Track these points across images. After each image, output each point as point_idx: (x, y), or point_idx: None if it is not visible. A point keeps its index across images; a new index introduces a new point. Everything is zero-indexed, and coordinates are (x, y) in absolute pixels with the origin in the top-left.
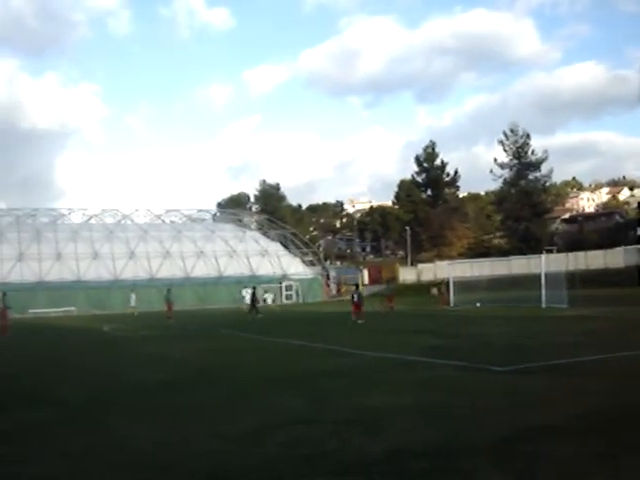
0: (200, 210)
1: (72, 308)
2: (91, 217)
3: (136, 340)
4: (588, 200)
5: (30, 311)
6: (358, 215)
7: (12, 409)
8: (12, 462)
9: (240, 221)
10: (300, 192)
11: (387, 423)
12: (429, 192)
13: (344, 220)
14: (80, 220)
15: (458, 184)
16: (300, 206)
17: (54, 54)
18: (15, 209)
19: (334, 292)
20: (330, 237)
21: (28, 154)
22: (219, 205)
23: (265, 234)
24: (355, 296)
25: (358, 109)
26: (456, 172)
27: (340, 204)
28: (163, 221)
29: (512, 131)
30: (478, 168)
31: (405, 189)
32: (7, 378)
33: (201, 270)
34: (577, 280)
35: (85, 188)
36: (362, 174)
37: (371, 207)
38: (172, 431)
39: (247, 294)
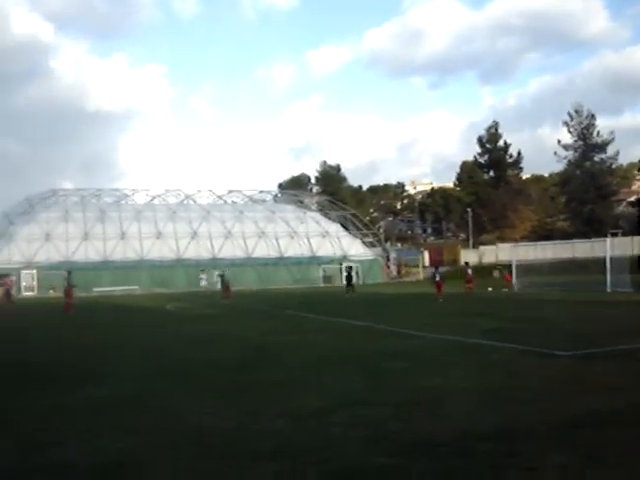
0: (261, 191)
1: (135, 287)
2: (154, 197)
3: (199, 319)
4: None
5: (95, 290)
6: (419, 196)
7: (80, 386)
8: (83, 439)
9: (301, 202)
10: (361, 173)
11: (450, 405)
12: (491, 173)
13: (405, 201)
14: (144, 200)
15: (521, 165)
16: (361, 187)
17: (121, 36)
18: (80, 189)
19: (394, 274)
20: (391, 218)
21: (94, 135)
22: (280, 186)
23: (326, 215)
24: (437, 276)
25: (421, 89)
26: (519, 153)
27: (401, 185)
28: (225, 202)
29: (577, 112)
30: (542, 149)
31: (467, 170)
32: (74, 356)
33: (262, 251)
34: None
35: (148, 168)
36: (424, 155)
37: (432, 188)
38: (236, 409)
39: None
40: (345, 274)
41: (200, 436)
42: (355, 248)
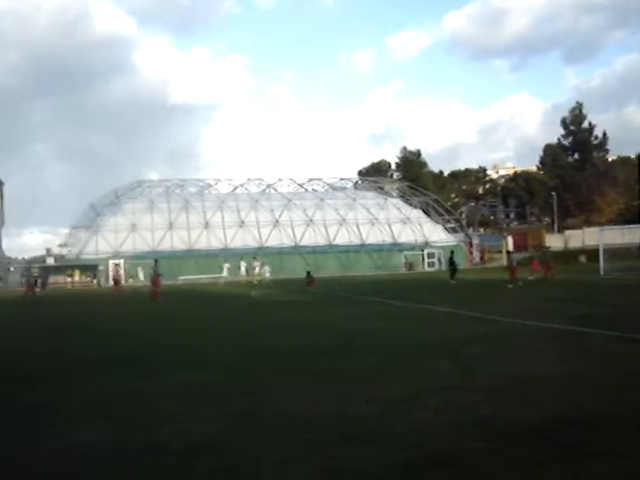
0: (342, 178)
1: (220, 275)
2: (237, 187)
3: (284, 306)
4: None
5: (180, 278)
6: (502, 181)
7: (173, 371)
8: (176, 422)
9: (381, 189)
10: (442, 158)
11: (537, 391)
12: (576, 156)
13: (487, 186)
14: (226, 190)
15: (607, 147)
16: (442, 172)
17: (202, 28)
18: (165, 180)
19: (477, 260)
20: (473, 204)
21: (178, 127)
22: (360, 173)
23: (407, 201)
24: (512, 261)
25: (503, 72)
26: (604, 134)
27: (483, 170)
28: (306, 190)
29: None
30: (629, 130)
31: (551, 153)
32: (165, 342)
33: (343, 238)
34: None
35: (231, 158)
36: (506, 139)
37: (515, 172)
38: (325, 394)
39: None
40: (448, 258)
41: (291, 421)
42: (437, 234)
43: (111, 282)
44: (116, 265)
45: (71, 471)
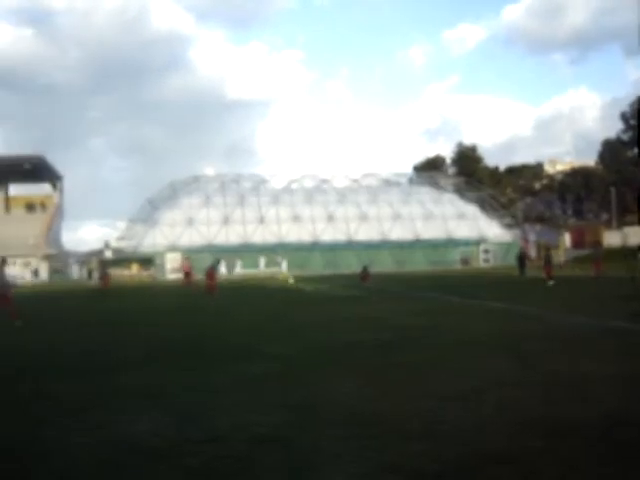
0: (396, 173)
1: (276, 268)
2: (291, 182)
3: (337, 300)
4: None
5: (235, 271)
6: (559, 176)
7: (228, 363)
8: (235, 413)
9: (436, 184)
10: (498, 153)
11: (597, 389)
12: (635, 151)
13: (544, 181)
14: (281, 185)
15: None
16: (498, 168)
17: (258, 24)
18: (221, 175)
19: (533, 256)
20: (529, 199)
21: (234, 122)
22: (415, 168)
23: (462, 197)
24: (547, 258)
25: (561, 66)
26: None
27: (540, 165)
28: (360, 185)
29: None
30: None
31: (609, 148)
32: (222, 334)
33: (398, 233)
34: None
35: (286, 153)
36: (564, 133)
37: (572, 168)
38: (383, 389)
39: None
40: (518, 255)
41: (349, 415)
42: (492, 230)
43: (177, 275)
44: (187, 258)
45: (132, 460)
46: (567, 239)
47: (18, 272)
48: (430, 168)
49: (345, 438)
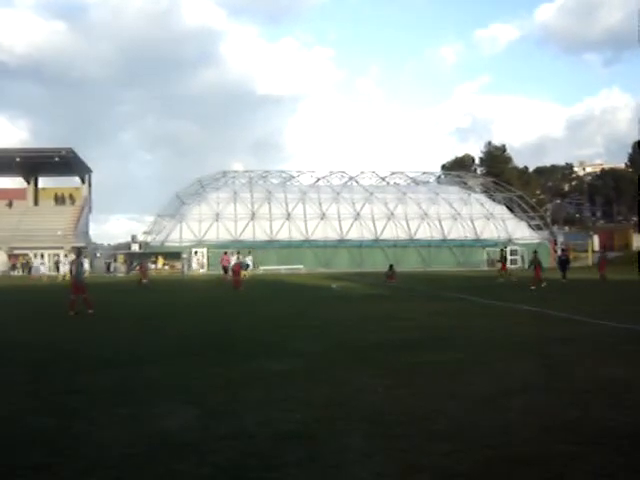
0: (425, 172)
1: (300, 266)
2: (319, 179)
3: (362, 298)
4: None
5: (261, 268)
6: (588, 178)
7: (253, 359)
8: (259, 409)
9: (465, 183)
10: (527, 154)
11: (628, 395)
12: None
13: (573, 183)
14: (308, 181)
15: None
16: (527, 168)
17: (289, 20)
18: (249, 171)
19: (561, 256)
20: (558, 201)
21: (262, 118)
22: (444, 167)
23: (490, 197)
24: (535, 262)
25: (595, 66)
26: None
27: (569, 166)
28: (388, 183)
29: None
30: None
31: None
32: (247, 330)
33: (424, 232)
34: None
35: (314, 150)
36: (596, 135)
37: (602, 169)
38: (408, 389)
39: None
40: (561, 258)
41: (374, 414)
42: (521, 231)
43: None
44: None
45: (159, 454)
46: (596, 241)
47: (46, 263)
48: (458, 167)
49: (371, 436)
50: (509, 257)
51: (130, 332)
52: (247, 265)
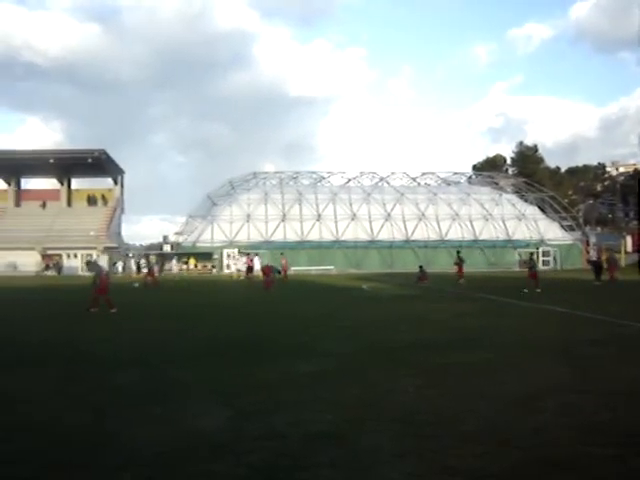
0: (456, 173)
1: (331, 267)
2: (350, 180)
3: (394, 299)
4: None
5: (292, 268)
6: (621, 178)
7: (281, 360)
8: (290, 410)
9: (496, 184)
10: (559, 154)
11: None
12: None
13: (606, 183)
14: (339, 182)
15: None
16: (559, 168)
17: (322, 21)
18: (279, 172)
19: (594, 259)
20: (590, 201)
21: (294, 119)
22: (475, 168)
23: (522, 197)
24: (531, 264)
25: (630, 65)
26: None
27: (602, 166)
28: (419, 184)
29: None
30: None
31: None
32: (277, 330)
33: (456, 233)
34: None
35: (345, 151)
36: (630, 135)
37: (635, 169)
38: (438, 390)
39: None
40: (593, 259)
41: (405, 414)
42: (553, 232)
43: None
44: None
45: (194, 454)
46: (629, 242)
47: (78, 264)
48: (490, 168)
49: (402, 437)
50: (541, 258)
51: (160, 333)
52: (278, 271)
